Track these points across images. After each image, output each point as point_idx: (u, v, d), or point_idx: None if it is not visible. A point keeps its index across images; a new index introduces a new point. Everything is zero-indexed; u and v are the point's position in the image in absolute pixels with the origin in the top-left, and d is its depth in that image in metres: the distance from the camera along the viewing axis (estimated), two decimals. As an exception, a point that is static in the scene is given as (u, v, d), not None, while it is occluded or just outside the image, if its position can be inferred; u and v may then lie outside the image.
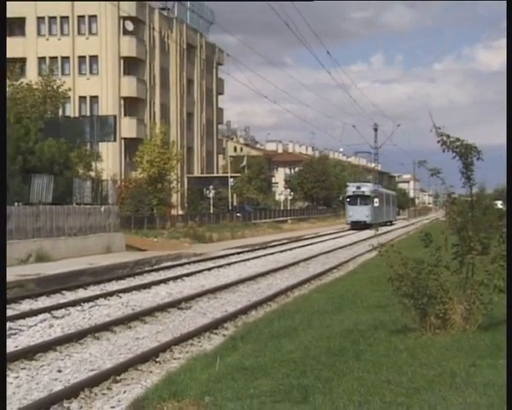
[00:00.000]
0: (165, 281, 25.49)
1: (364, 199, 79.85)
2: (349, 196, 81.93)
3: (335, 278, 25.68)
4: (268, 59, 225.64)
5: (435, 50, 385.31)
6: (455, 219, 12.64)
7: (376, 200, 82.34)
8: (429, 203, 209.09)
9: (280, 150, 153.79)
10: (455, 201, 12.87)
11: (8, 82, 51.22)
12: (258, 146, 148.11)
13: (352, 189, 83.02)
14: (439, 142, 12.23)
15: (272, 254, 39.47)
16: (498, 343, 10.77)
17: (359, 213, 78.06)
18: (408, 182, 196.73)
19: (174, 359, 12.86)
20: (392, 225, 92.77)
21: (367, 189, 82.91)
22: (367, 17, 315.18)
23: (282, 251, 41.46)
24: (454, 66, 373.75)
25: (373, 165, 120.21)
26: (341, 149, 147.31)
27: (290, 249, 43.06)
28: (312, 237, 57.61)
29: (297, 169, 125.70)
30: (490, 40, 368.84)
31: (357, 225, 74.17)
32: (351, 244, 47.31)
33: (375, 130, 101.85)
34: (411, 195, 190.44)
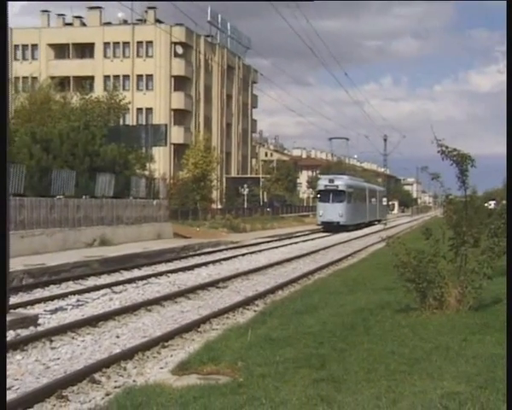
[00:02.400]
0: (205, 264, 25.50)
1: (338, 195, 55.43)
2: (320, 192, 57.32)
3: (349, 265, 25.58)
4: (295, 79, 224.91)
5: (435, 74, 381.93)
6: (451, 217, 12.60)
7: (354, 196, 59.29)
8: (429, 203, 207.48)
9: (304, 156, 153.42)
10: (451, 201, 12.84)
11: (79, 96, 51.65)
12: (285, 152, 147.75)
13: (323, 182, 58.08)
14: (439, 152, 12.20)
15: (296, 243, 39.30)
16: (486, 322, 10.71)
17: (331, 211, 54.46)
18: (411, 184, 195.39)
19: (213, 329, 12.86)
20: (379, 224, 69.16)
21: (341, 182, 57.47)
22: (379, 45, 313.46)
23: (304, 241, 41.32)
24: (451, 87, 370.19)
25: (382, 170, 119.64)
26: (355, 156, 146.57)
27: (312, 239, 42.90)
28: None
29: (318, 172, 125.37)
30: (482, 66, 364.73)
31: (330, 227, 53.11)
32: (363, 236, 47.10)
33: (385, 140, 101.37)
34: (414, 195, 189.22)
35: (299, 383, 7.54)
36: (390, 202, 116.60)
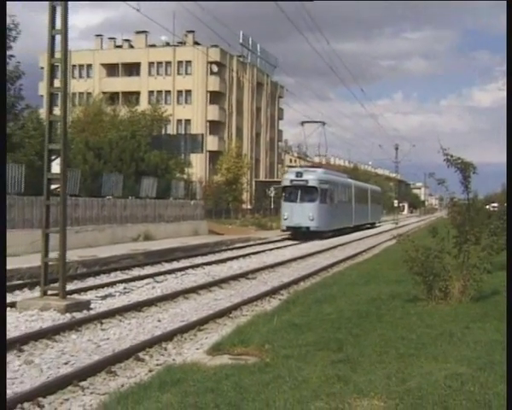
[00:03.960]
0: (237, 257, 25.47)
1: (308, 193, 38.01)
2: (285, 188, 39.39)
3: (364, 259, 25.42)
4: (317, 94, 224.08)
5: (441, 90, 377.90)
6: (455, 217, 12.54)
7: (332, 194, 40.94)
8: (436, 205, 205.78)
9: (324, 162, 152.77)
10: (455, 203, 12.76)
11: (127, 109, 51.98)
12: (308, 159, 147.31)
13: (289, 177, 39.76)
14: (445, 160, 12.14)
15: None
16: (486, 311, 10.63)
17: (299, 214, 37.33)
18: (420, 188, 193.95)
19: (243, 315, 12.86)
20: (372, 227, 56.08)
21: (313, 177, 38.84)
22: (391, 65, 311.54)
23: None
24: (455, 102, 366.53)
25: (394, 175, 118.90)
26: (370, 163, 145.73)
27: (330, 237, 42.59)
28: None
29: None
30: (483, 84, 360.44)
31: (298, 233, 37.28)
32: (376, 234, 46.73)
33: (396, 149, 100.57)
34: (422, 198, 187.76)
35: (319, 363, 7.53)
36: (400, 204, 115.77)
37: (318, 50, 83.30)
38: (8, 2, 11.86)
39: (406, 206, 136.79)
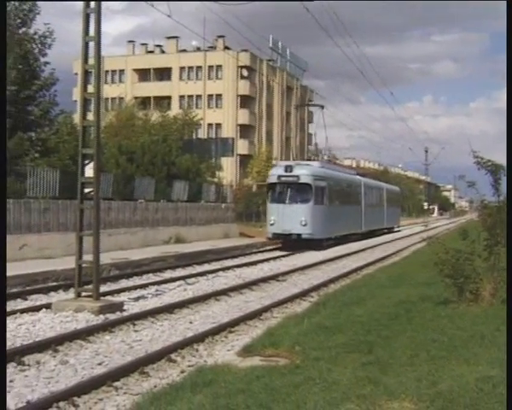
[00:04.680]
0: (267, 260, 25.43)
1: (301, 192, 30.65)
2: (271, 186, 31.72)
3: (393, 262, 25.23)
4: (347, 98, 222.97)
5: (471, 93, 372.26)
6: (486, 220, 12.42)
7: (332, 194, 33.47)
8: (466, 207, 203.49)
9: (354, 165, 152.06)
10: (486, 206, 12.63)
11: (158, 113, 52.36)
12: (337, 162, 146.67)
13: (277, 172, 31.94)
14: (475, 162, 12.03)
15: (346, 242, 38.70)
16: (518, 315, 10.48)
17: (289, 218, 30.04)
18: (449, 191, 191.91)
19: (273, 317, 12.82)
20: (390, 232, 48.85)
21: (305, 171, 31.27)
22: (421, 68, 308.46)
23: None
24: (484, 105, 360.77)
25: (424, 177, 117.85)
26: (400, 165, 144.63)
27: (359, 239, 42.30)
28: (374, 231, 56.12)
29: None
30: None
31: (288, 242, 30.55)
32: (405, 237, 46.36)
33: (426, 151, 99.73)
34: (452, 200, 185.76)
35: (349, 365, 7.50)
36: (430, 206, 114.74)
37: (348, 54, 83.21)
38: (42, 11, 12.13)
39: (436, 208, 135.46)
